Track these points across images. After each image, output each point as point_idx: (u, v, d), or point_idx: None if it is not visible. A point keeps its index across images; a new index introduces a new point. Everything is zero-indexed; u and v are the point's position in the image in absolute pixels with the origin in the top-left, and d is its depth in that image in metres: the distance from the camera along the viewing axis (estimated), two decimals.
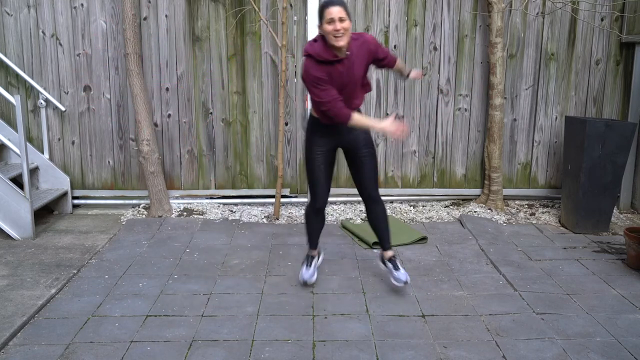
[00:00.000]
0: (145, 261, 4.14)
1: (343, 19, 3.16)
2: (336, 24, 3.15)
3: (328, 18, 3.15)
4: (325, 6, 3.18)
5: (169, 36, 5.20)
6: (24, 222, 4.46)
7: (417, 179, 5.53)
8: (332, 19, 3.14)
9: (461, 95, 5.38)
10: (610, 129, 4.60)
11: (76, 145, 5.36)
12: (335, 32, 3.15)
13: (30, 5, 5.10)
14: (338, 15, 3.14)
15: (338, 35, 3.16)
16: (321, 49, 3.23)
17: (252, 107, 5.34)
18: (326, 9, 3.17)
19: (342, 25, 3.15)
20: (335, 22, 3.15)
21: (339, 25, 3.15)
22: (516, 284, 3.76)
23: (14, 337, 3.09)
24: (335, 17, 3.14)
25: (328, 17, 3.15)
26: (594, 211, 4.74)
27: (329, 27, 3.16)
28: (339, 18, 3.14)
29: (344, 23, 3.16)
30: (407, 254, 4.29)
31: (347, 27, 3.18)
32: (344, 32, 3.17)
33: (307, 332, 3.16)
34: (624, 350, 2.99)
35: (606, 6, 5.22)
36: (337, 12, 3.14)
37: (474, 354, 2.95)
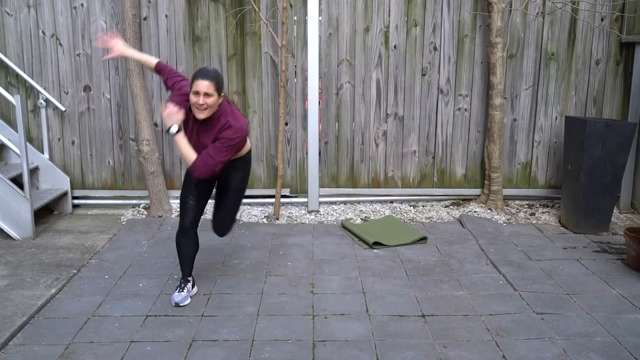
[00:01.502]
0: (145, 261, 4.14)
1: (209, 94, 3.12)
2: (200, 97, 3.11)
3: (194, 89, 3.12)
4: (197, 76, 3.13)
5: (169, 36, 5.20)
6: (24, 222, 4.46)
7: (417, 179, 5.53)
8: (198, 92, 3.11)
9: (461, 95, 5.38)
10: (610, 129, 4.60)
11: (76, 145, 5.36)
12: (198, 105, 3.13)
13: (30, 5, 5.10)
14: (204, 90, 3.10)
15: (200, 109, 3.14)
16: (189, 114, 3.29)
17: (252, 107, 5.33)
18: (196, 80, 3.11)
19: (205, 101, 3.12)
20: (200, 96, 3.11)
21: (202, 100, 3.11)
22: (516, 284, 3.76)
23: (14, 337, 3.09)
24: (200, 90, 3.10)
25: (195, 89, 3.12)
26: (594, 211, 4.73)
27: (193, 98, 3.14)
28: (204, 93, 3.11)
29: (208, 99, 3.12)
30: (407, 254, 4.29)
31: (210, 103, 3.14)
32: (206, 107, 3.14)
33: (307, 332, 3.16)
34: (624, 350, 2.99)
35: (606, 6, 5.22)
36: (204, 86, 3.09)
37: (474, 354, 2.95)
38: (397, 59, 5.30)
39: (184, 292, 3.49)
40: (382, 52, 5.29)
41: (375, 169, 5.48)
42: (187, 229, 3.49)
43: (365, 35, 5.26)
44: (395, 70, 5.32)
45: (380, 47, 5.28)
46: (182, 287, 3.51)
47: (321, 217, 5.17)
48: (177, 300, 3.44)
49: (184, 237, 3.50)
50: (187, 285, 3.53)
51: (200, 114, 3.17)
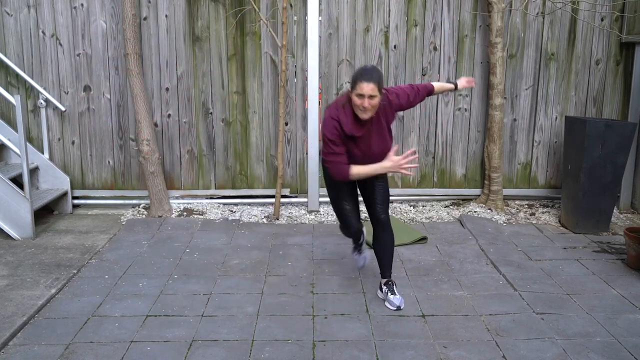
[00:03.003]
0: (145, 261, 4.14)
1: (373, 97, 3.14)
2: (365, 100, 3.13)
3: (359, 92, 3.13)
4: (359, 79, 3.13)
5: (169, 36, 5.20)
6: (24, 222, 4.46)
7: (417, 179, 5.53)
8: (362, 94, 3.13)
9: (461, 95, 5.38)
10: (610, 129, 4.60)
11: (76, 145, 5.36)
12: (363, 108, 3.15)
13: (30, 5, 5.10)
14: (369, 92, 3.11)
15: (365, 110, 3.17)
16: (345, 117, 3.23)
17: (252, 107, 5.33)
18: (359, 83, 3.12)
19: (370, 102, 3.14)
20: (365, 99, 3.13)
21: (367, 102, 3.13)
22: (516, 284, 3.76)
23: (14, 337, 3.09)
24: (365, 93, 3.12)
25: (359, 91, 3.13)
26: (594, 211, 4.73)
27: (357, 100, 3.15)
28: (369, 95, 3.12)
29: (373, 100, 3.14)
30: (407, 254, 4.29)
31: (375, 104, 3.16)
32: (371, 108, 3.16)
33: (307, 332, 3.16)
34: (624, 350, 2.99)
35: (606, 6, 5.22)
36: (369, 89, 3.10)
37: (474, 354, 2.95)
38: (397, 59, 5.30)
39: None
40: (382, 52, 5.29)
41: None
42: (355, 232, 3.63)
43: (365, 35, 5.26)
44: (395, 70, 5.32)
45: (380, 47, 5.28)
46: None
47: (321, 217, 5.17)
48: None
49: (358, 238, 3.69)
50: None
51: (364, 115, 3.19)
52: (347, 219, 3.54)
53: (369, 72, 3.15)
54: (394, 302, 3.43)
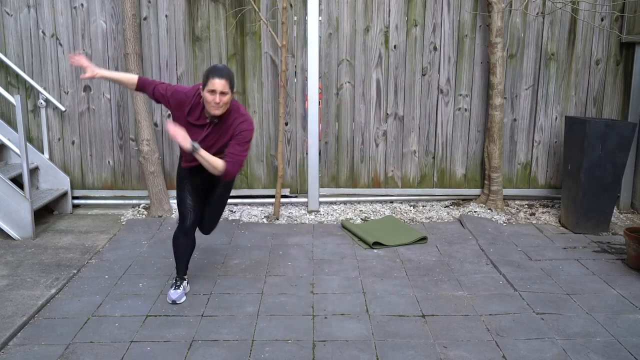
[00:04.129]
0: (145, 261, 4.14)
1: (224, 93, 3.17)
2: (217, 96, 3.16)
3: (210, 87, 3.16)
4: (211, 75, 3.18)
5: (169, 36, 5.20)
6: (24, 222, 4.46)
7: (417, 179, 5.53)
8: (214, 90, 3.15)
9: (461, 95, 5.38)
10: (610, 129, 4.60)
11: (76, 145, 5.36)
12: (215, 104, 3.18)
13: (30, 5, 5.10)
14: (220, 89, 3.15)
15: (216, 107, 3.19)
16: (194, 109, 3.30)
17: (252, 107, 5.33)
18: (211, 78, 3.16)
19: (221, 99, 3.17)
20: (216, 95, 3.16)
21: (218, 98, 3.16)
22: (516, 284, 3.76)
23: (14, 337, 3.09)
24: (217, 89, 3.15)
25: (210, 87, 3.16)
26: (594, 211, 4.73)
27: (208, 96, 3.18)
28: (221, 92, 3.15)
29: (224, 97, 3.18)
30: (407, 254, 4.29)
31: (226, 100, 3.19)
32: (222, 105, 3.19)
33: (307, 332, 3.16)
34: (624, 350, 2.99)
35: (606, 6, 5.22)
36: (220, 85, 3.14)
37: (474, 354, 2.95)
38: (397, 59, 5.30)
39: (180, 290, 3.52)
40: (382, 52, 5.29)
41: (375, 169, 5.48)
42: (188, 230, 3.51)
43: (365, 35, 5.26)
44: (395, 70, 5.32)
45: (380, 47, 5.28)
46: (178, 284, 3.55)
47: (321, 217, 5.17)
48: (174, 298, 3.48)
49: (185, 237, 3.52)
50: (183, 282, 3.57)
51: (216, 111, 3.21)
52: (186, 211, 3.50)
53: (221, 69, 3.21)
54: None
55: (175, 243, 3.56)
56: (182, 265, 3.59)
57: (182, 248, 3.55)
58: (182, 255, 3.57)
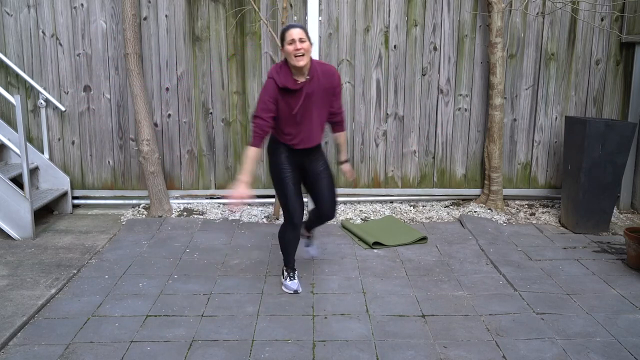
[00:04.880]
0: (145, 261, 4.14)
1: (303, 40, 3.26)
2: (296, 43, 3.24)
3: (289, 39, 3.26)
4: (286, 29, 3.30)
5: (169, 36, 5.20)
6: (24, 222, 4.46)
7: (417, 179, 5.53)
8: (293, 39, 3.25)
9: (461, 95, 5.38)
10: (610, 129, 4.60)
11: (76, 145, 5.36)
12: (296, 52, 3.25)
13: (30, 5, 5.10)
14: (298, 36, 3.25)
15: (298, 54, 3.25)
16: (285, 77, 3.33)
17: (252, 107, 5.33)
18: (287, 31, 3.29)
19: (302, 45, 3.25)
20: (296, 42, 3.24)
21: (299, 45, 3.24)
22: (516, 284, 3.76)
23: (14, 337, 3.09)
24: (295, 37, 3.24)
25: (289, 39, 3.26)
26: (594, 211, 4.73)
27: (289, 47, 3.26)
28: (299, 39, 3.24)
29: (304, 44, 3.26)
30: (407, 254, 4.29)
31: (307, 47, 3.27)
32: (304, 52, 3.26)
33: (307, 332, 3.16)
34: (624, 350, 2.99)
35: (606, 6, 5.22)
36: (297, 33, 3.26)
37: (474, 354, 2.95)
38: (397, 59, 5.30)
39: (296, 280, 3.69)
40: (382, 52, 5.29)
41: (375, 169, 5.48)
42: (297, 225, 3.58)
43: (365, 35, 5.26)
44: (395, 70, 5.32)
45: (380, 47, 5.28)
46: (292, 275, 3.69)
47: None
48: (295, 287, 3.64)
49: (293, 231, 3.60)
50: (295, 272, 3.72)
51: (300, 62, 3.26)
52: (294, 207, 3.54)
53: (293, 23, 3.34)
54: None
55: (283, 238, 3.64)
56: (291, 258, 3.70)
57: (293, 242, 3.65)
58: (292, 249, 3.68)
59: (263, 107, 3.34)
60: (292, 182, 3.51)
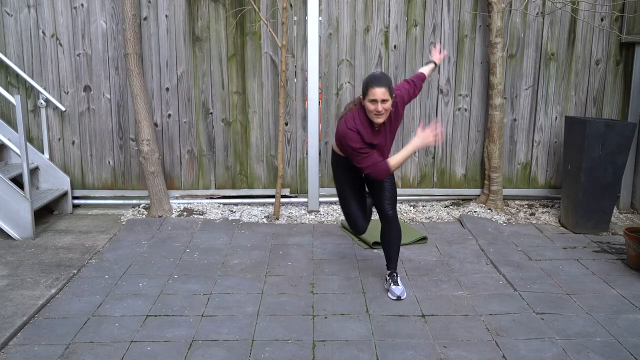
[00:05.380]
0: (145, 261, 4.14)
1: (385, 100, 3.20)
2: (378, 105, 3.19)
3: (372, 98, 3.20)
4: (370, 85, 3.20)
5: (169, 36, 5.20)
6: (24, 222, 4.46)
7: (417, 179, 5.53)
8: (376, 100, 3.19)
9: (461, 95, 5.38)
10: (610, 129, 4.60)
11: (76, 145, 5.36)
12: (377, 112, 3.22)
13: (30, 5, 5.10)
14: (381, 97, 3.18)
15: (379, 115, 3.23)
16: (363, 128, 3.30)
17: (252, 107, 5.34)
18: (371, 89, 3.20)
19: (383, 106, 3.21)
20: (378, 104, 3.19)
21: (380, 106, 3.20)
22: (516, 284, 3.76)
23: (14, 337, 3.09)
24: (378, 98, 3.18)
25: (371, 97, 3.20)
26: (594, 211, 4.73)
27: (371, 106, 3.22)
28: (382, 100, 3.19)
29: (385, 104, 3.21)
30: (407, 254, 4.29)
31: (388, 107, 3.24)
32: (384, 112, 3.23)
33: (307, 332, 3.16)
34: (624, 350, 2.99)
35: (606, 6, 5.22)
36: (381, 93, 3.18)
37: (474, 354, 2.95)
38: (397, 59, 5.31)
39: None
40: (382, 52, 5.29)
41: None
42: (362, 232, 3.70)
43: (365, 35, 5.26)
44: (395, 70, 5.32)
45: (380, 47, 5.28)
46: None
47: (321, 217, 5.17)
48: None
49: None
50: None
51: (379, 119, 3.26)
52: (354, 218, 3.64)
53: (379, 77, 3.23)
54: (394, 292, 3.55)
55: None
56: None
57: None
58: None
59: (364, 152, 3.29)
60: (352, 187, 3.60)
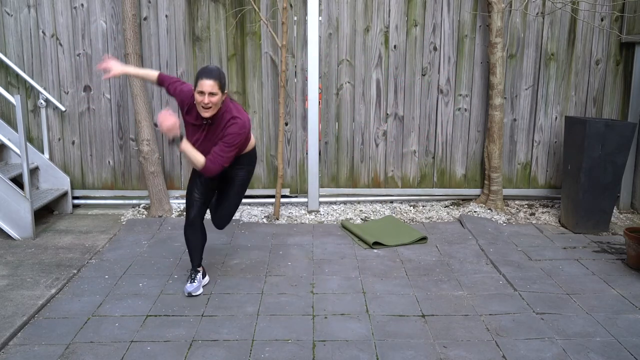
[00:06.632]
0: (145, 261, 4.14)
1: (213, 94, 3.20)
2: (205, 97, 3.19)
3: (200, 89, 3.20)
4: (200, 76, 3.22)
5: (169, 36, 5.20)
6: (24, 222, 4.46)
7: (417, 179, 5.53)
8: (203, 91, 3.19)
9: (461, 95, 5.38)
10: (610, 129, 4.60)
11: (76, 145, 5.36)
12: (203, 105, 3.21)
13: (30, 5, 5.10)
14: (209, 89, 3.18)
15: (205, 107, 3.23)
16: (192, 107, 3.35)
17: (252, 107, 5.33)
18: (200, 80, 3.20)
19: (210, 99, 3.20)
20: (205, 95, 3.19)
21: (207, 99, 3.19)
22: (516, 284, 3.76)
23: (14, 337, 3.09)
24: (205, 90, 3.18)
25: (200, 88, 3.20)
26: (594, 211, 4.73)
27: (198, 97, 3.22)
28: (209, 92, 3.19)
29: (213, 97, 3.20)
30: (407, 254, 4.29)
31: (215, 101, 3.21)
32: (211, 105, 3.22)
33: (307, 332, 3.16)
34: (624, 350, 2.99)
35: (606, 6, 5.22)
36: (208, 86, 3.18)
37: (474, 354, 2.95)
38: (397, 59, 5.31)
39: (196, 283, 3.58)
40: (382, 52, 5.29)
41: (375, 169, 5.48)
42: (192, 221, 3.58)
43: (365, 35, 5.26)
44: (395, 70, 5.32)
45: (380, 47, 5.28)
46: (193, 277, 3.61)
47: (321, 217, 5.17)
48: (190, 290, 3.55)
49: (190, 228, 3.60)
50: (197, 275, 3.62)
51: (205, 113, 3.25)
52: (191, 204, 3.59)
53: (210, 69, 3.24)
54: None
55: (185, 236, 3.65)
56: (194, 257, 3.64)
57: (192, 239, 3.62)
58: (192, 246, 3.63)
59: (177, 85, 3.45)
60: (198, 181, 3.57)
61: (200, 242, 3.65)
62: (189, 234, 3.62)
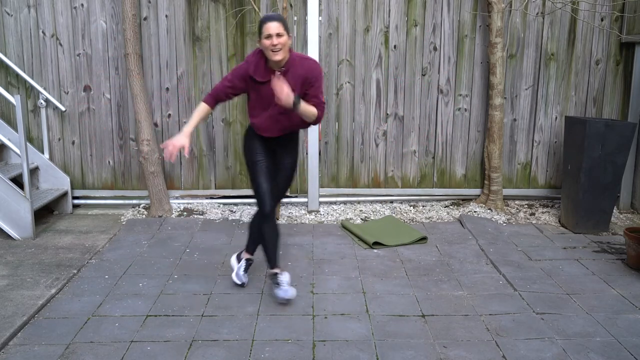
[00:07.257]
0: (145, 261, 4.14)
1: (280, 35, 3.21)
2: (273, 39, 3.20)
3: (266, 34, 3.21)
4: (264, 22, 3.25)
5: (169, 36, 5.20)
6: (24, 222, 4.46)
7: (417, 179, 5.53)
8: (270, 34, 3.20)
9: (461, 95, 5.38)
10: (610, 129, 4.60)
11: (76, 145, 5.36)
12: (273, 47, 3.22)
13: (30, 5, 5.10)
14: (275, 31, 3.20)
15: (275, 50, 3.22)
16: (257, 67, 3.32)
17: None
18: (264, 25, 3.23)
19: (279, 41, 3.21)
20: (273, 37, 3.20)
21: (275, 40, 3.20)
22: (516, 284, 3.76)
23: (14, 337, 3.09)
24: (272, 32, 3.20)
25: (266, 33, 3.21)
26: (594, 211, 4.74)
27: (266, 42, 3.23)
28: (277, 34, 3.20)
29: (281, 38, 3.22)
30: (407, 254, 4.30)
31: (283, 42, 3.23)
32: (281, 47, 3.23)
33: (307, 332, 3.16)
34: (624, 350, 2.99)
35: (606, 6, 5.22)
36: (274, 27, 3.20)
37: (474, 354, 2.96)
38: (397, 59, 5.31)
39: (285, 285, 3.45)
40: (382, 52, 5.29)
41: (375, 169, 5.48)
42: (268, 214, 3.43)
43: (365, 35, 5.26)
44: (395, 70, 5.32)
45: (380, 47, 5.28)
46: (279, 281, 3.46)
47: (321, 217, 5.17)
48: (288, 297, 3.43)
49: (268, 223, 3.44)
50: (282, 277, 3.48)
51: (276, 56, 3.24)
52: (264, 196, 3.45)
53: (271, 15, 3.29)
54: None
55: (261, 232, 3.48)
56: (272, 256, 3.50)
57: (271, 235, 3.47)
58: (273, 243, 3.49)
59: (227, 78, 3.40)
60: (264, 166, 3.46)
61: (278, 237, 3.52)
62: (267, 229, 3.44)
